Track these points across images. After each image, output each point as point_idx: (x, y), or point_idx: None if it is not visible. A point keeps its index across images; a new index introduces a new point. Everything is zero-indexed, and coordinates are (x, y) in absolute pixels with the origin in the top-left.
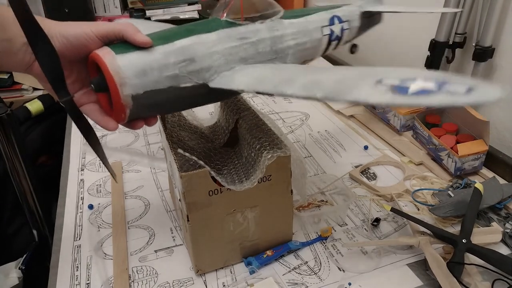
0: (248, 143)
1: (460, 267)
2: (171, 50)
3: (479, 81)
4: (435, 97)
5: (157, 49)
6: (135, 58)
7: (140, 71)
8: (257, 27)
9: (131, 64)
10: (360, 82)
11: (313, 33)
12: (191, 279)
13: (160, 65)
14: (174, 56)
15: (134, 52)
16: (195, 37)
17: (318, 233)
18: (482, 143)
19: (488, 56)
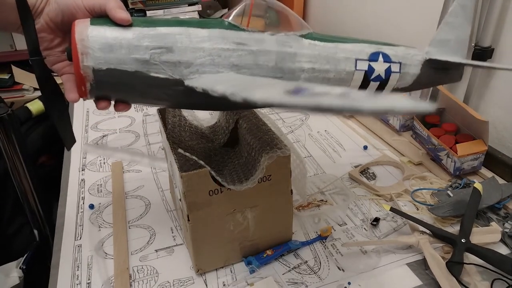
0: (248, 143)
1: (459, 267)
2: (148, 33)
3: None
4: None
5: (134, 29)
6: (106, 31)
7: (106, 45)
8: (263, 37)
9: (100, 36)
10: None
11: (341, 63)
12: (191, 279)
13: (130, 45)
14: (149, 40)
15: (109, 26)
16: (182, 29)
17: (318, 233)
18: (481, 143)
19: (488, 56)
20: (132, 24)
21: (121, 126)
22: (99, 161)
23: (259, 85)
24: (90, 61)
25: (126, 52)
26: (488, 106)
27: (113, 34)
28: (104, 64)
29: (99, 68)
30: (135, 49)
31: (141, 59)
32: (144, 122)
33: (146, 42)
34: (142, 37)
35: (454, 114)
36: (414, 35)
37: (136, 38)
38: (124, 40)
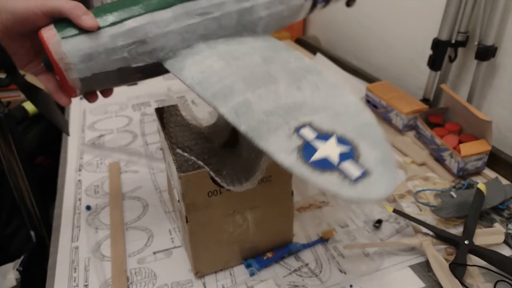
0: (248, 144)
1: (462, 269)
2: (119, 32)
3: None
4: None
5: (104, 32)
6: (80, 42)
7: (85, 56)
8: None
9: (76, 49)
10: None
11: (293, 0)
12: (190, 281)
13: (107, 49)
14: (122, 38)
15: (80, 35)
16: (148, 16)
17: (319, 235)
18: (485, 143)
19: (491, 55)
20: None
21: (118, 126)
22: (96, 161)
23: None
24: (75, 74)
25: (105, 57)
26: (491, 106)
27: (88, 44)
28: (88, 71)
29: (85, 76)
30: (112, 52)
31: (121, 58)
32: (141, 121)
33: (120, 42)
34: (115, 38)
35: (458, 114)
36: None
37: (110, 41)
38: (100, 46)
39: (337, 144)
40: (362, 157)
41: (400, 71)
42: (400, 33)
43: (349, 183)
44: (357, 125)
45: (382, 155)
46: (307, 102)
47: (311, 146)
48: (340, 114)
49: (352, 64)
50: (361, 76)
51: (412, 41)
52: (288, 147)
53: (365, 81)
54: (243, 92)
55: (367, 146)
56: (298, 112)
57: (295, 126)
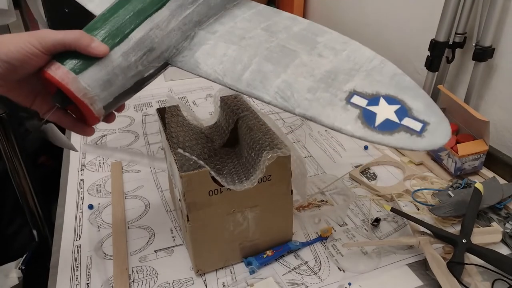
0: (248, 143)
1: (460, 267)
2: (129, 48)
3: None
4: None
5: (115, 53)
6: (96, 72)
7: (106, 83)
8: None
9: (95, 79)
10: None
11: None
12: (191, 279)
13: (123, 68)
14: (134, 53)
15: (94, 65)
16: (148, 22)
17: (318, 233)
18: (482, 143)
19: (488, 56)
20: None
21: (120, 126)
22: (98, 161)
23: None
24: (99, 104)
25: (123, 77)
26: (488, 106)
27: (104, 70)
28: (110, 97)
29: (108, 103)
30: (128, 69)
31: (136, 72)
32: (143, 122)
33: (133, 57)
34: (127, 55)
35: (455, 114)
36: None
37: (124, 60)
38: (116, 69)
39: (387, 104)
40: (413, 110)
41: None
42: (398, 34)
43: (417, 136)
44: (389, 79)
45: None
46: (337, 68)
47: (368, 111)
48: (371, 72)
49: None
50: None
51: (410, 42)
52: (350, 118)
53: None
54: (276, 74)
55: (410, 99)
56: (337, 81)
57: (344, 97)
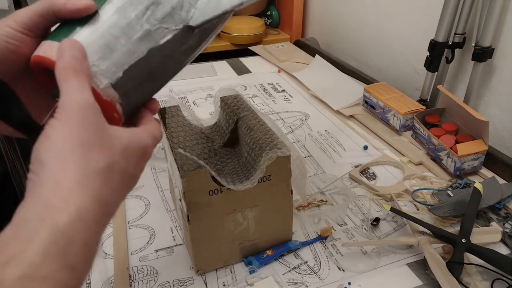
0: (248, 143)
1: (459, 267)
2: (124, 2)
3: None
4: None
5: (107, 11)
6: (87, 34)
7: (103, 47)
8: None
9: (88, 44)
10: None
11: None
12: (191, 279)
13: (122, 27)
14: (132, 8)
15: (82, 27)
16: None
17: (318, 233)
18: (482, 143)
19: (488, 56)
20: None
21: None
22: None
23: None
24: (103, 79)
25: (126, 39)
26: (488, 106)
27: (97, 32)
28: (117, 69)
29: (117, 78)
30: (130, 29)
31: (144, 34)
32: None
33: (132, 12)
34: (123, 11)
35: (454, 114)
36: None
37: (120, 16)
38: (112, 28)
39: None
40: None
41: (398, 72)
42: (398, 35)
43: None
44: None
45: None
46: None
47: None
48: None
49: (350, 66)
50: (359, 78)
51: (409, 43)
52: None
53: (363, 82)
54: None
55: None
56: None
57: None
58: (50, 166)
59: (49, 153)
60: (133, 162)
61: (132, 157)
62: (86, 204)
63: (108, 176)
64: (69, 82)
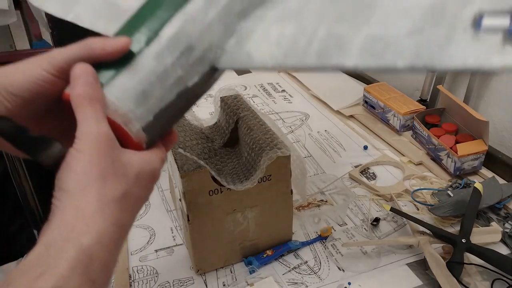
0: (248, 143)
1: (459, 267)
2: (161, 48)
3: None
4: None
5: (146, 56)
6: (125, 81)
7: (140, 95)
8: None
9: (126, 90)
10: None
11: None
12: (191, 279)
13: (159, 74)
14: (169, 54)
15: (121, 73)
16: (181, 15)
17: (318, 233)
18: (482, 143)
19: None
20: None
21: None
22: None
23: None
24: (137, 124)
25: (161, 85)
26: (488, 106)
27: (135, 78)
28: (149, 114)
29: (147, 122)
30: (165, 75)
31: (176, 79)
32: None
33: (168, 58)
34: (161, 56)
35: (454, 114)
36: None
37: (157, 62)
38: (150, 75)
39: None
40: None
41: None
42: None
43: None
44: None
45: None
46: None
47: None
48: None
49: None
50: (359, 78)
51: None
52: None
53: (363, 82)
54: (355, 31)
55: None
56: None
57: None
58: (72, 194)
59: (70, 183)
60: (144, 186)
61: (144, 181)
62: (105, 229)
63: (124, 202)
64: (84, 112)
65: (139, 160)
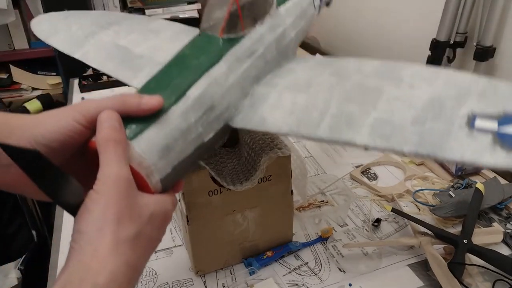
0: (248, 143)
1: (461, 268)
2: (188, 106)
3: None
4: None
5: (173, 113)
6: (153, 136)
7: (164, 149)
8: (259, 32)
9: (152, 145)
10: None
11: (307, 11)
12: (190, 280)
13: (183, 131)
14: (193, 113)
15: (149, 128)
16: (206, 77)
17: (319, 234)
18: None
19: (489, 55)
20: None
21: None
22: None
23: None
24: (157, 176)
25: (183, 141)
26: None
27: (162, 133)
28: (169, 167)
29: (166, 174)
30: (188, 132)
31: (196, 136)
32: None
33: (193, 117)
34: (186, 115)
35: None
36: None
37: (183, 120)
38: (174, 131)
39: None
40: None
41: None
42: (399, 33)
43: None
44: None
45: None
46: (440, 95)
47: (505, 134)
48: (483, 93)
49: None
50: None
51: (411, 42)
52: (484, 146)
53: None
54: (365, 113)
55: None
56: (446, 108)
57: (464, 123)
58: (89, 236)
59: (88, 225)
60: (157, 227)
61: (157, 222)
62: (119, 269)
63: (137, 243)
64: (108, 154)
65: (154, 202)
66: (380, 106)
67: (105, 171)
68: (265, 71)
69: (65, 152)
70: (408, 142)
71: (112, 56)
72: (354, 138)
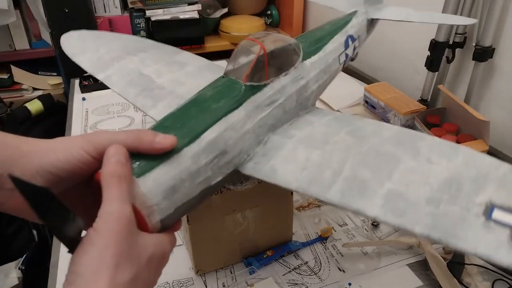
0: None
1: (460, 267)
2: (200, 149)
3: None
4: None
5: (185, 154)
6: (161, 175)
7: (169, 189)
8: (282, 82)
9: (158, 184)
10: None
11: (332, 67)
12: (191, 280)
13: (192, 173)
14: (205, 156)
15: (159, 166)
16: (223, 122)
17: (318, 233)
18: (482, 143)
19: (488, 56)
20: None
21: (120, 126)
22: None
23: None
24: (157, 216)
25: (190, 183)
26: (488, 106)
27: (170, 173)
28: (171, 207)
29: (168, 214)
30: (197, 174)
31: (204, 179)
32: (143, 122)
33: (204, 159)
34: (198, 157)
35: (455, 114)
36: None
37: (193, 162)
38: (183, 172)
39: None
40: None
41: (398, 72)
42: (398, 34)
43: None
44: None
45: None
46: (458, 176)
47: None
48: (503, 180)
49: (350, 66)
50: (360, 78)
51: (410, 42)
52: (499, 241)
53: (364, 82)
54: (379, 182)
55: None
56: (463, 191)
57: (481, 212)
58: (85, 278)
59: (84, 268)
60: (154, 270)
61: (154, 264)
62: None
63: (133, 286)
64: (111, 190)
65: (153, 244)
66: (395, 177)
67: (107, 208)
68: (282, 120)
69: (72, 181)
70: (421, 223)
71: (134, 83)
72: (365, 208)
